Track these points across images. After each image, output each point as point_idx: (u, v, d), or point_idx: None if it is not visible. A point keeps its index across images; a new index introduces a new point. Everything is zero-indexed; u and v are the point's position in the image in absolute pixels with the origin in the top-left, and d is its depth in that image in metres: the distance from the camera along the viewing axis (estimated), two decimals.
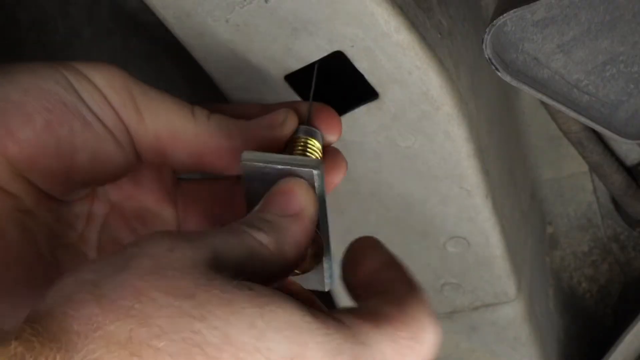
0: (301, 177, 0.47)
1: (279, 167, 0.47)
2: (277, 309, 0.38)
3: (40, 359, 0.34)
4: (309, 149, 0.52)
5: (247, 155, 0.48)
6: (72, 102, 0.49)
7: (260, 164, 0.47)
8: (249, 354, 0.37)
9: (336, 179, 0.54)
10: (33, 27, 0.76)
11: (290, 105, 0.55)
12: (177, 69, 0.81)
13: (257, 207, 0.46)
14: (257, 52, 0.60)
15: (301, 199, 0.46)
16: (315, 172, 0.47)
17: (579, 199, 1.06)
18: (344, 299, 0.79)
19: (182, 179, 0.57)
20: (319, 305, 0.45)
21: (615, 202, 1.03)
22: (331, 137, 0.54)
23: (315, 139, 0.53)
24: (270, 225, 0.44)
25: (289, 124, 0.53)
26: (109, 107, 0.50)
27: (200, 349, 0.36)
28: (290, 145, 0.53)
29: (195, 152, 0.52)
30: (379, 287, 0.45)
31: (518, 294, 0.87)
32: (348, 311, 0.42)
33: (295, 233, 0.45)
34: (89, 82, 0.50)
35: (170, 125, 0.51)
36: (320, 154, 0.53)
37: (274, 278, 0.43)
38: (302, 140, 0.52)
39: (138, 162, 0.53)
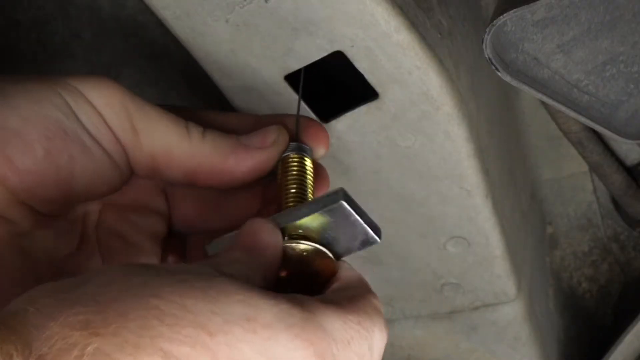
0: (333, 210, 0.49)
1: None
2: (225, 281, 0.41)
3: (2, 352, 0.35)
4: (306, 169, 0.54)
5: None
6: (71, 128, 0.49)
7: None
8: (207, 318, 0.38)
9: (322, 152, 0.56)
10: (33, 27, 0.76)
11: (279, 120, 0.56)
12: (177, 69, 0.81)
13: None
14: (257, 52, 0.60)
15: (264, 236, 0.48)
16: (379, 240, 0.50)
17: (579, 199, 1.06)
18: None
19: None
20: None
21: (615, 202, 1.03)
22: (320, 152, 0.55)
23: (307, 156, 0.54)
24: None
25: (281, 142, 0.54)
26: (107, 128, 0.51)
27: (159, 320, 0.37)
28: (283, 164, 0.54)
29: (189, 170, 0.53)
30: (347, 291, 0.47)
31: (518, 294, 0.87)
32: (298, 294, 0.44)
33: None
34: (86, 103, 0.50)
35: (166, 145, 0.52)
36: (312, 171, 0.54)
37: None
38: (296, 159, 0.53)
39: (133, 176, 0.53)
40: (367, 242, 0.51)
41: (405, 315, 0.92)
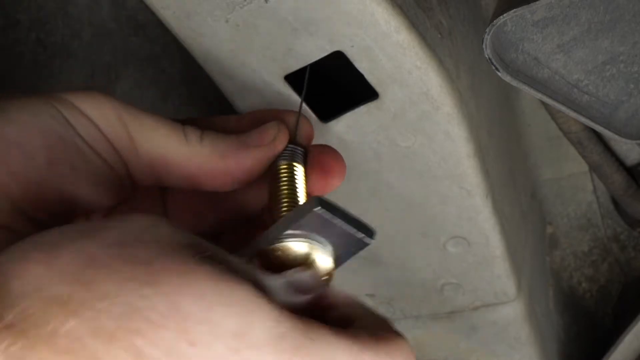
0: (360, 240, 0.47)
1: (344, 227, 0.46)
2: (233, 286, 0.38)
3: None
4: (295, 179, 0.53)
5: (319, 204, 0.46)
6: (70, 138, 0.49)
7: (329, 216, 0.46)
8: (195, 324, 0.36)
9: (336, 181, 0.55)
10: (33, 27, 0.76)
11: (279, 115, 0.55)
12: (177, 69, 0.81)
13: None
14: (257, 52, 0.60)
15: None
16: (371, 241, 0.47)
17: (579, 199, 1.06)
18: None
19: None
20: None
21: (615, 202, 1.03)
22: (334, 183, 0.55)
23: (300, 164, 0.53)
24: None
25: (280, 140, 0.54)
26: (104, 139, 0.50)
27: (143, 313, 0.36)
28: (275, 171, 0.53)
29: (189, 175, 0.52)
30: (358, 320, 0.44)
31: (518, 294, 0.87)
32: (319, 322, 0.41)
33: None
34: (82, 115, 0.50)
35: (163, 151, 0.51)
36: (305, 179, 0.53)
37: None
38: (286, 168, 0.53)
39: (133, 186, 0.53)
40: (358, 246, 0.48)
41: (405, 315, 0.92)
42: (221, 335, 0.36)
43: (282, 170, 0.53)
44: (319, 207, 0.45)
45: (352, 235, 0.47)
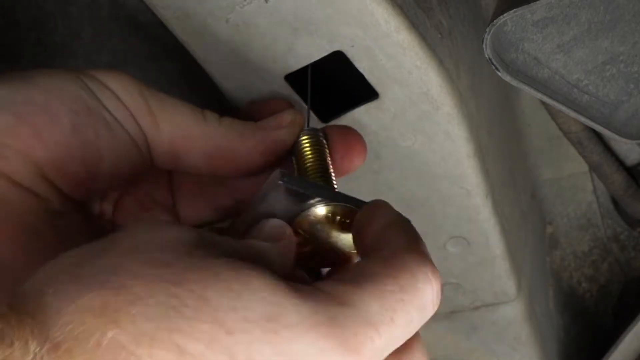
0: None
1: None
2: (252, 273, 0.38)
3: (19, 338, 0.34)
4: (322, 152, 0.54)
5: (285, 177, 0.47)
6: (94, 106, 0.49)
7: (299, 189, 0.47)
8: (226, 313, 0.37)
9: (359, 161, 0.56)
10: (33, 27, 0.76)
11: (289, 104, 0.56)
12: (177, 69, 0.81)
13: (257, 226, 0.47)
14: (257, 52, 0.60)
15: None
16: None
17: (579, 199, 1.06)
18: None
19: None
20: (305, 281, 0.46)
21: (615, 202, 1.03)
22: (358, 162, 0.56)
23: (322, 143, 0.54)
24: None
25: (297, 123, 0.55)
26: (127, 112, 0.51)
27: (177, 311, 0.36)
28: (299, 149, 0.54)
29: (208, 154, 0.52)
30: (380, 245, 0.44)
31: (518, 294, 0.87)
32: (329, 279, 0.42)
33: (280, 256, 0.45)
34: (106, 88, 0.50)
35: (184, 129, 0.52)
36: (329, 155, 0.55)
37: None
38: (311, 144, 0.54)
39: (153, 167, 0.53)
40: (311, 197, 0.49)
41: None
42: (255, 321, 0.37)
43: (306, 146, 0.54)
44: (283, 180, 0.46)
45: (306, 197, 0.48)
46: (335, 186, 0.54)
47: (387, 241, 0.44)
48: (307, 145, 0.54)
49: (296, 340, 0.37)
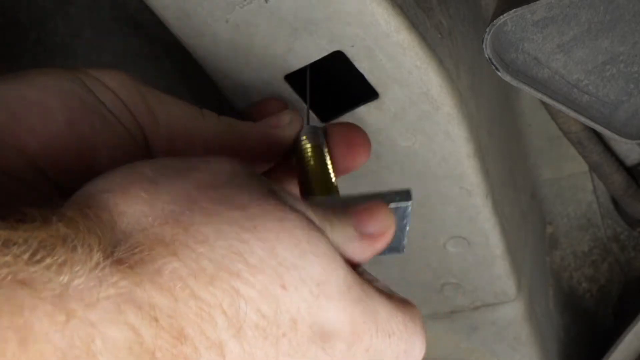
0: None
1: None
2: (321, 237, 0.41)
3: (82, 246, 0.35)
4: (323, 157, 0.54)
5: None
6: (90, 101, 0.49)
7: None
8: (287, 270, 0.39)
9: (363, 158, 0.56)
10: (33, 27, 0.76)
11: (286, 104, 0.57)
12: (177, 69, 0.81)
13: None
14: (257, 52, 0.60)
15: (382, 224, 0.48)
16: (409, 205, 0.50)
17: (579, 199, 1.06)
18: None
19: None
20: None
21: (615, 202, 1.03)
22: (362, 159, 0.56)
23: (322, 143, 0.54)
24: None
25: (295, 124, 0.56)
26: (123, 106, 0.51)
27: (243, 257, 0.37)
28: (300, 148, 0.54)
29: (206, 152, 0.52)
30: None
31: (518, 294, 0.87)
32: (360, 270, 0.45)
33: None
34: (103, 85, 0.50)
35: (183, 127, 0.52)
36: (330, 155, 0.55)
37: None
38: (312, 146, 0.54)
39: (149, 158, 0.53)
40: (395, 250, 0.52)
41: None
42: (307, 282, 0.39)
43: (307, 146, 0.54)
44: (410, 204, 0.49)
45: (401, 241, 0.52)
46: (334, 182, 0.54)
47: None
48: (308, 144, 0.55)
49: (327, 307, 0.40)
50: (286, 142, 0.55)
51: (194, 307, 0.36)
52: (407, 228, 0.51)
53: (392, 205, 0.49)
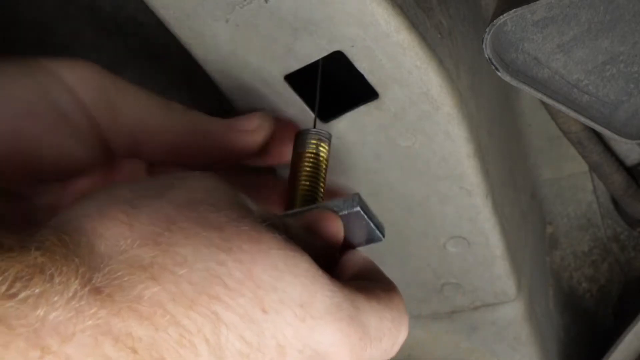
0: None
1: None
2: (299, 257, 0.40)
3: (60, 274, 0.34)
4: (320, 165, 0.54)
5: None
6: (41, 107, 0.49)
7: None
8: (266, 292, 0.38)
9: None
10: (33, 27, 0.76)
11: (290, 126, 0.55)
12: (177, 69, 0.81)
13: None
14: (257, 52, 0.60)
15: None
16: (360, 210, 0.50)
17: (579, 198, 1.06)
18: None
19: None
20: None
21: (615, 202, 1.03)
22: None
23: (327, 145, 0.54)
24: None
25: (263, 131, 0.55)
26: (79, 105, 0.50)
27: (221, 280, 0.37)
28: (296, 155, 0.54)
29: (171, 148, 0.52)
30: (359, 273, 0.48)
31: (518, 294, 0.87)
32: (348, 282, 0.44)
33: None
34: (59, 81, 0.50)
35: (144, 120, 0.51)
36: (326, 164, 0.55)
37: None
38: (311, 154, 0.54)
39: (111, 157, 0.52)
40: (372, 240, 0.52)
41: None
42: (289, 304, 0.38)
43: (307, 155, 0.54)
44: (359, 209, 0.49)
45: (372, 232, 0.51)
46: (321, 194, 0.55)
47: (374, 274, 0.48)
48: (307, 150, 0.54)
49: (318, 329, 0.39)
50: (250, 148, 0.54)
51: (175, 335, 0.35)
52: (371, 223, 0.50)
53: (343, 213, 0.49)
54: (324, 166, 0.55)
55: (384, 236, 0.52)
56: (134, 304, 0.35)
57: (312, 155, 0.54)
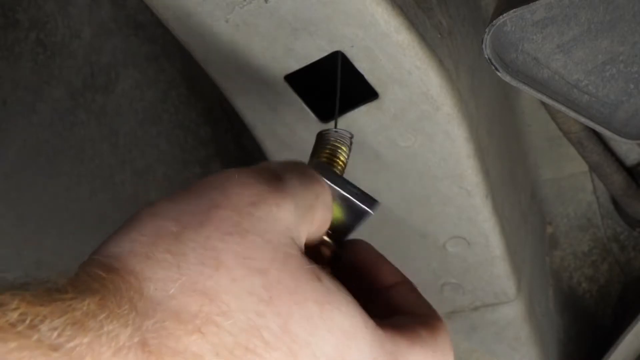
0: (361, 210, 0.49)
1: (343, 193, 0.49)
2: (336, 309, 0.39)
3: (111, 322, 0.33)
4: (337, 159, 0.53)
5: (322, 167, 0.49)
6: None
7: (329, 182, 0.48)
8: (300, 347, 0.37)
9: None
10: (33, 27, 0.76)
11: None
12: (177, 69, 0.81)
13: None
14: (257, 52, 0.60)
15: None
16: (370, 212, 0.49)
17: (579, 199, 1.06)
18: None
19: None
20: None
21: (615, 202, 1.03)
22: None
23: (346, 147, 0.54)
24: None
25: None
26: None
27: (259, 332, 0.36)
28: (320, 148, 0.53)
29: None
30: (403, 305, 0.47)
31: (518, 294, 0.87)
32: (390, 324, 0.43)
33: None
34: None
35: None
36: (345, 164, 0.54)
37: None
38: (329, 152, 0.53)
39: None
40: (360, 217, 0.50)
41: None
42: (321, 358, 0.38)
43: (326, 151, 0.53)
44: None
45: (356, 206, 0.49)
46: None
47: (413, 305, 0.48)
48: (329, 145, 0.54)
49: None
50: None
51: None
52: (351, 197, 0.49)
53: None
54: (343, 166, 0.55)
55: (372, 210, 0.50)
56: (177, 357, 0.35)
57: (330, 155, 0.54)
